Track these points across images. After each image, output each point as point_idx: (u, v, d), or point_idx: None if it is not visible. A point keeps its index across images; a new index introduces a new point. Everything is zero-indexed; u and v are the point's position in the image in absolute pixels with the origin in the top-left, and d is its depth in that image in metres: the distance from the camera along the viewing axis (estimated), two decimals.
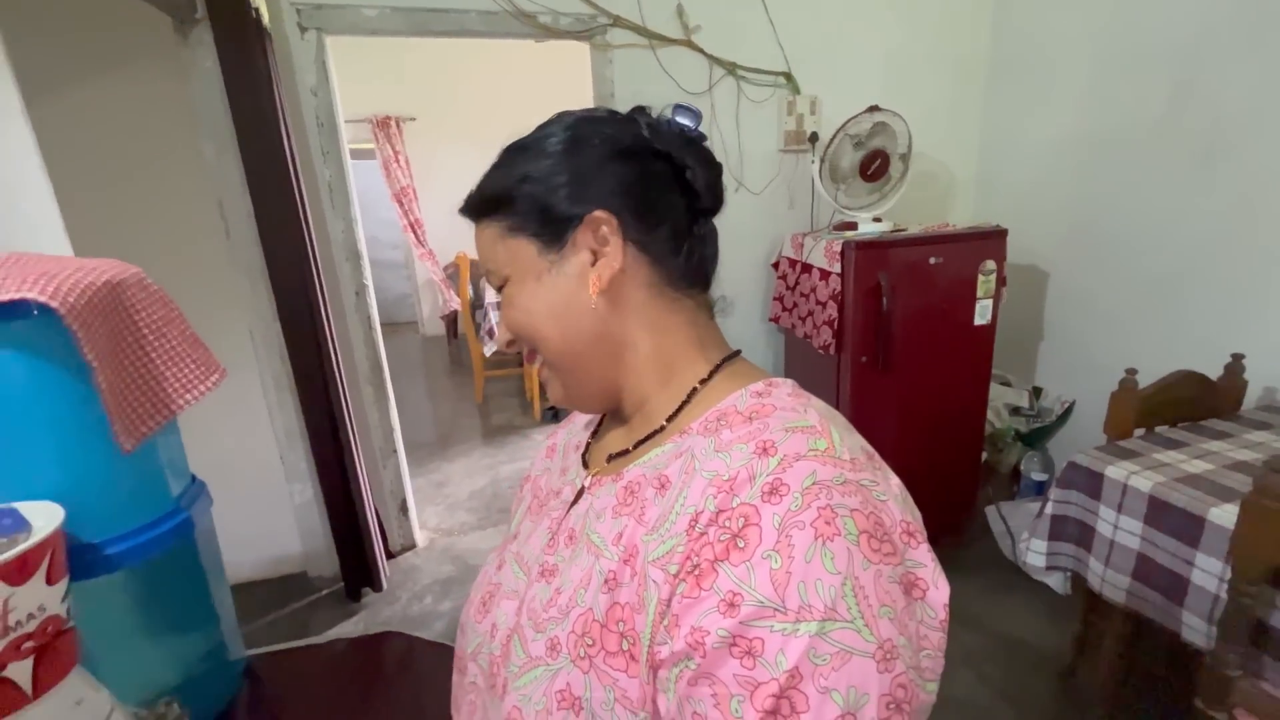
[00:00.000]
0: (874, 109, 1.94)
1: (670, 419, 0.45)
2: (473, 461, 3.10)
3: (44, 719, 0.50)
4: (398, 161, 4.90)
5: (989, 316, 1.94)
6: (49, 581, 0.50)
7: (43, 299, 0.54)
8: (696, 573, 0.34)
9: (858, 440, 0.40)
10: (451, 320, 5.31)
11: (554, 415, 3.56)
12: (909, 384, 1.91)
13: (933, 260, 1.85)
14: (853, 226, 1.97)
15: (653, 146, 0.44)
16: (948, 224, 2.07)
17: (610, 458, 0.49)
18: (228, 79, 1.61)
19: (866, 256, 1.81)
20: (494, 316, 3.47)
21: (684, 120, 0.47)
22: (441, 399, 4.19)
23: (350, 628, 1.91)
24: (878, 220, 1.98)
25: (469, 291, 3.85)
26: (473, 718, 0.49)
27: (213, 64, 1.61)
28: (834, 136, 1.96)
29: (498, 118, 4.31)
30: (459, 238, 4.62)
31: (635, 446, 0.46)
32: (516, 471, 2.95)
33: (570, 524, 0.47)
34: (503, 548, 0.55)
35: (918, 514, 0.39)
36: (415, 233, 5.06)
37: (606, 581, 0.39)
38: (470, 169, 0.49)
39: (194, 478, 0.77)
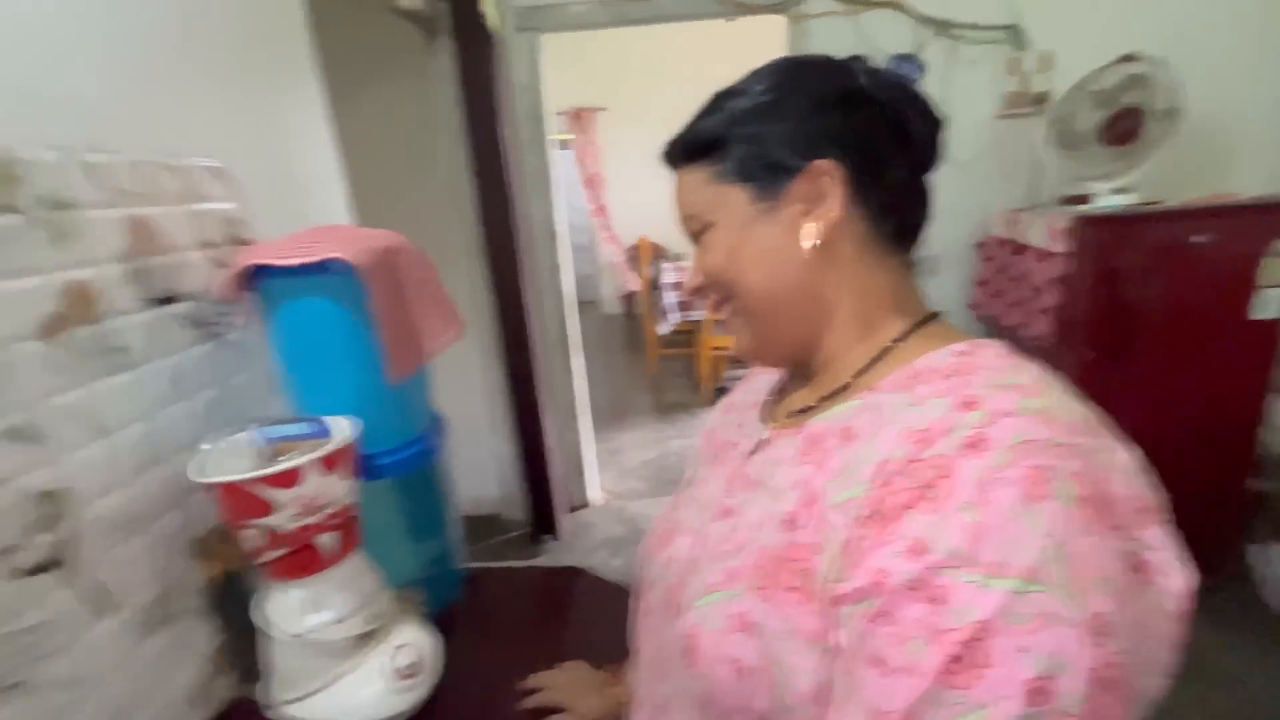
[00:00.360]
0: (1127, 58, 1.63)
1: (858, 375, 0.44)
2: (644, 434, 3.26)
3: (340, 580, 0.66)
4: (589, 151, 5.23)
5: (1275, 309, 1.55)
6: (345, 476, 0.65)
7: (347, 258, 0.68)
8: (880, 518, 0.33)
9: (1081, 407, 0.36)
10: (629, 301, 5.59)
11: (720, 394, 3.57)
12: (1151, 389, 1.60)
13: (1194, 239, 1.52)
14: (1083, 200, 1.69)
15: (873, 96, 0.43)
16: (1228, 194, 1.68)
17: (792, 414, 0.49)
18: (462, 82, 1.85)
19: (1105, 234, 1.53)
20: (669, 298, 3.63)
21: (905, 70, 0.46)
22: (617, 374, 4.43)
23: None
24: (1122, 191, 1.67)
25: (648, 273, 4.01)
26: (649, 639, 0.53)
27: (451, 69, 1.87)
28: (1071, 95, 1.69)
29: (685, 104, 4.33)
30: (641, 222, 4.80)
31: (819, 402, 0.46)
32: (684, 447, 3.04)
33: (748, 471, 0.48)
34: (682, 491, 0.59)
35: (1155, 494, 0.34)
36: (601, 217, 5.38)
37: (784, 522, 0.40)
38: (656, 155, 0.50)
39: (436, 413, 0.92)
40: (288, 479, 0.58)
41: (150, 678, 0.65)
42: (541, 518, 2.26)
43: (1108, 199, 1.66)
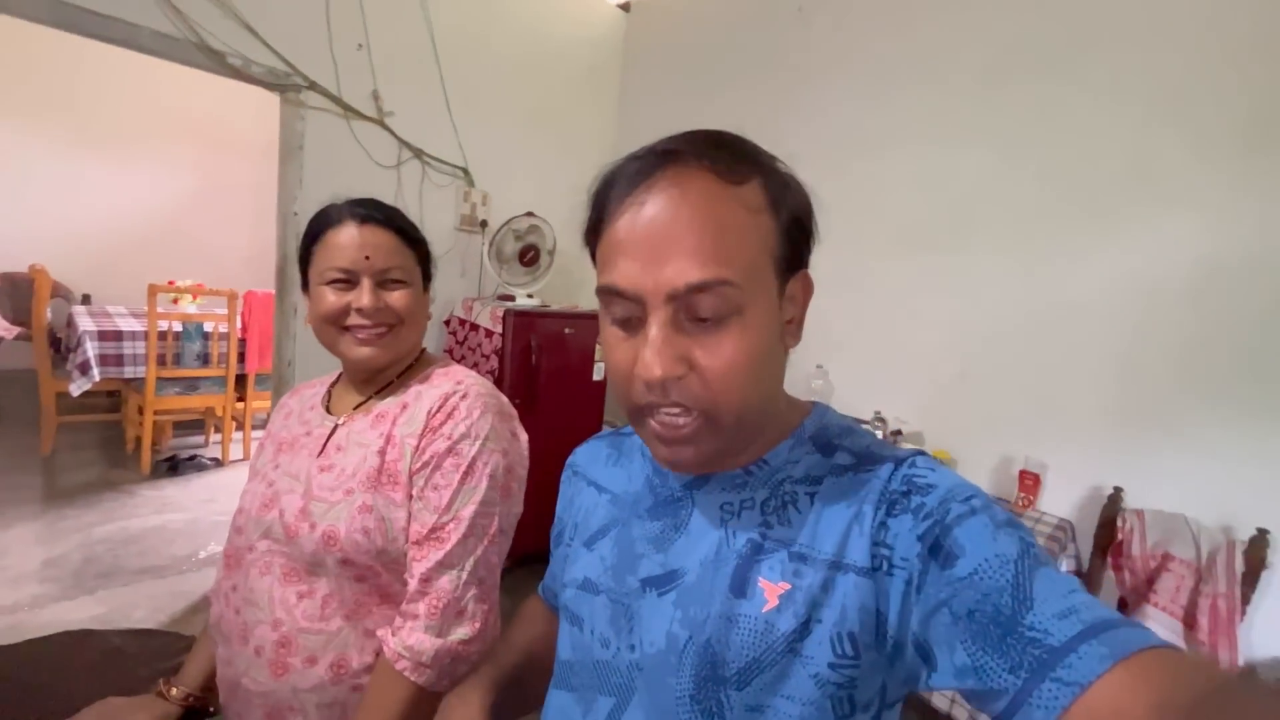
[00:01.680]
0: (529, 214, 2.57)
1: (399, 378, 0.86)
2: (41, 527, 2.59)
3: None
4: None
5: (603, 375, 2.61)
6: None
7: None
8: (430, 431, 0.76)
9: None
10: None
11: (171, 467, 3.28)
12: (548, 421, 2.46)
13: (567, 330, 2.52)
14: (511, 298, 2.59)
15: None
16: (578, 305, 2.78)
17: (357, 406, 0.85)
18: None
19: (522, 323, 2.40)
20: (89, 349, 3.00)
21: None
22: None
23: None
24: (530, 297, 2.62)
25: (47, 315, 3.16)
26: (269, 566, 0.77)
27: None
28: (500, 228, 2.56)
29: (123, 128, 4.32)
30: (31, 248, 3.96)
31: (374, 395, 0.85)
32: (120, 531, 2.61)
33: (337, 440, 0.82)
34: (260, 478, 0.85)
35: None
36: None
37: (378, 454, 0.77)
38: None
39: None
40: None
41: None
42: None
43: (524, 300, 2.59)
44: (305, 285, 0.85)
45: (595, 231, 0.50)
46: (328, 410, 0.88)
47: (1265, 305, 1.52)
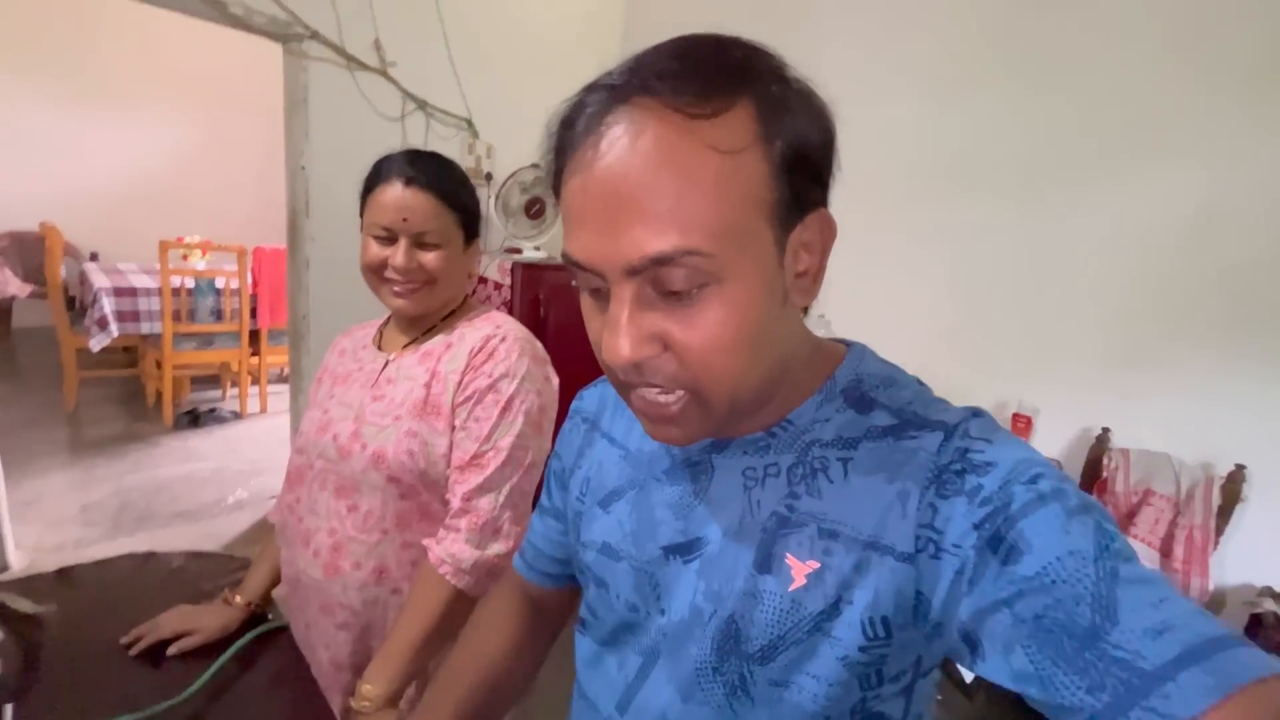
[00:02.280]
0: (534, 166, 2.56)
1: (442, 322, 0.94)
2: (78, 474, 2.75)
3: None
4: None
5: None
6: None
7: None
8: (472, 369, 0.84)
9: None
10: (3, 311, 4.32)
11: (193, 420, 3.40)
12: (559, 373, 2.45)
13: (574, 283, 2.44)
14: (518, 251, 2.62)
15: None
16: None
17: (406, 344, 0.93)
18: None
19: (530, 275, 2.44)
20: (108, 305, 3.05)
21: None
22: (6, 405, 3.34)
23: None
24: (537, 249, 2.65)
25: (61, 272, 3.16)
26: (325, 482, 0.87)
27: None
28: (506, 181, 2.57)
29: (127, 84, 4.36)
30: (39, 206, 4.01)
31: (421, 336, 0.93)
32: (150, 480, 2.76)
33: (388, 374, 0.90)
34: (316, 407, 0.94)
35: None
36: None
37: (424, 386, 0.85)
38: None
39: None
40: None
41: None
42: None
43: (531, 253, 2.62)
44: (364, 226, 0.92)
45: (558, 182, 0.43)
46: (379, 348, 0.97)
47: (1257, 251, 1.55)
